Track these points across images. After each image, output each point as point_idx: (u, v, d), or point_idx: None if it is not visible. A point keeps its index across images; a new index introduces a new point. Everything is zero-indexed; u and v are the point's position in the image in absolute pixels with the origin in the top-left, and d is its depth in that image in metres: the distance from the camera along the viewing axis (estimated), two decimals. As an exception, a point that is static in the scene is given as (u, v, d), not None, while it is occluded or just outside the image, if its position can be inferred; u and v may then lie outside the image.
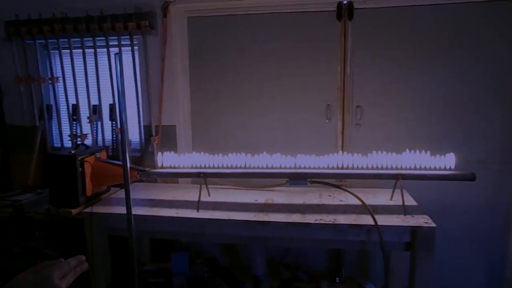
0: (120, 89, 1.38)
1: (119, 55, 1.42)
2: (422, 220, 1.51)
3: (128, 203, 1.37)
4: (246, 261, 2.11)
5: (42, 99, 2.36)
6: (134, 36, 2.17)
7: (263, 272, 1.93)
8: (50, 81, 2.31)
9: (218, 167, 1.72)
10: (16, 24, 2.26)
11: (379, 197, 1.82)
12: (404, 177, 1.63)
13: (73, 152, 1.69)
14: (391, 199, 1.77)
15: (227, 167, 1.71)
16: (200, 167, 1.74)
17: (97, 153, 1.82)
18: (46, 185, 1.85)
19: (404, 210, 1.59)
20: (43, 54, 2.34)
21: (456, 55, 2.03)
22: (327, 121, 2.20)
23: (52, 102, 2.38)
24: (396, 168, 1.66)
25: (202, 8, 2.18)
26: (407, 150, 1.69)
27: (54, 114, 2.39)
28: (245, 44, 2.20)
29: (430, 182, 1.73)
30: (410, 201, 1.75)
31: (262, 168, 1.70)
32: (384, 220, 1.52)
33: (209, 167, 1.72)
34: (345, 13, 2.08)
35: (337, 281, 2.07)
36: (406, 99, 2.11)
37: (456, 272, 2.18)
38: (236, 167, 1.71)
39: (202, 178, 1.70)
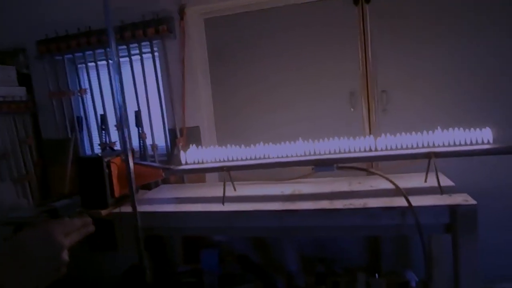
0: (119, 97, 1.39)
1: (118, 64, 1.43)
2: (460, 198, 1.40)
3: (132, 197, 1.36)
4: (278, 258, 2.05)
5: (73, 112, 2.47)
6: (154, 42, 2.23)
7: (296, 267, 1.87)
8: (79, 93, 2.42)
9: (241, 159, 1.69)
10: (46, 42, 2.39)
11: (412, 181, 1.71)
12: (437, 155, 1.52)
13: (99, 154, 1.73)
14: (425, 181, 1.66)
15: (250, 159, 1.68)
16: (224, 161, 1.72)
17: (123, 156, 1.85)
18: (79, 190, 1.91)
19: (440, 189, 1.49)
20: (71, 68, 2.45)
21: (483, 29, 1.91)
22: (352, 109, 2.13)
23: (82, 114, 2.48)
24: (428, 147, 1.56)
25: (217, 8, 2.21)
26: (439, 128, 1.59)
27: (84, 125, 2.48)
28: (263, 38, 2.20)
29: (467, 162, 1.61)
30: (446, 181, 1.64)
31: (286, 157, 1.65)
32: (419, 201, 1.42)
33: (233, 160, 1.70)
34: (361, -3, 2.03)
35: (377, 276, 1.97)
36: (433, 79, 2.00)
37: (503, 261, 2.00)
38: (259, 158, 1.68)
39: (226, 171, 1.69)
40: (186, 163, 1.76)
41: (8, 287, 0.54)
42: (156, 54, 2.27)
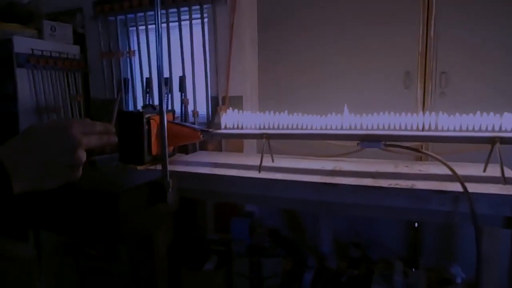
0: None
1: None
2: (527, 190, 1.24)
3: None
4: (311, 237, 1.97)
5: (120, 73, 2.51)
6: (204, 6, 2.19)
7: (329, 249, 1.78)
8: (128, 55, 2.45)
9: (283, 128, 1.62)
10: (101, 3, 2.43)
11: (470, 169, 1.55)
12: (502, 140, 1.36)
13: (141, 110, 1.73)
14: (484, 171, 1.50)
15: (292, 128, 1.60)
16: (264, 128, 1.65)
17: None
18: (118, 145, 1.94)
19: (504, 178, 1.32)
20: (123, 30, 2.48)
21: None
22: (405, 90, 1.98)
23: (129, 76, 2.51)
24: (493, 131, 1.39)
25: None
26: (505, 113, 1.42)
27: (130, 87, 2.52)
28: (315, 8, 2.09)
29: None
30: (510, 173, 1.46)
31: (331, 129, 1.56)
32: (476, 188, 1.27)
33: (274, 128, 1.63)
34: (429, -33, 1.85)
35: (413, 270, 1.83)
36: (499, 63, 1.80)
37: None
38: (302, 128, 1.59)
39: (266, 139, 1.62)
40: (226, 127, 1.72)
41: (16, 169, 0.51)
42: (205, 20, 2.24)
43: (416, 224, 2.01)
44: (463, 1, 1.83)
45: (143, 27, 2.39)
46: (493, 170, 1.43)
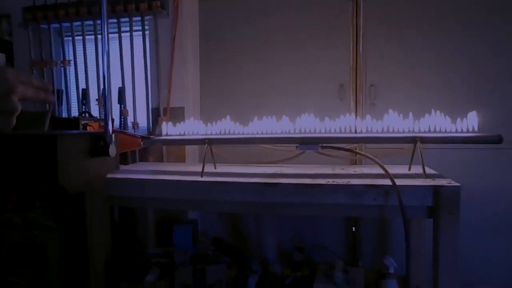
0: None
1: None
2: (445, 181, 1.38)
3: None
4: (255, 245, 1.98)
5: (53, 84, 2.37)
6: (146, 18, 2.19)
7: (273, 255, 1.79)
8: (62, 65, 2.34)
9: (224, 134, 1.64)
10: (32, 9, 2.32)
11: (396, 169, 1.68)
12: (422, 140, 1.51)
13: (77, 117, 1.65)
14: (409, 170, 1.65)
15: (233, 134, 1.63)
16: (206, 134, 1.66)
17: (102, 122, 1.77)
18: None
19: (424, 174, 1.47)
20: (57, 39, 2.38)
21: (470, 29, 1.96)
22: (340, 101, 2.12)
23: (63, 87, 2.39)
24: (414, 132, 1.54)
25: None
26: (426, 115, 1.59)
27: (64, 99, 2.39)
28: (256, 26, 2.20)
29: (451, 152, 1.59)
30: (430, 171, 1.62)
31: (271, 133, 1.61)
32: (402, 182, 1.39)
33: (215, 134, 1.65)
34: (356, -9, 2.06)
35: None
36: (423, 76, 2.02)
37: (485, 267, 1.97)
38: (243, 134, 1.63)
39: (208, 144, 1.63)
40: (167, 135, 1.70)
41: None
42: (147, 32, 2.23)
43: (353, 228, 2.12)
44: (389, 21, 2.04)
45: (80, 36, 2.31)
46: (417, 169, 1.59)
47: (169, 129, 1.73)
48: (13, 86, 0.53)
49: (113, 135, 0.97)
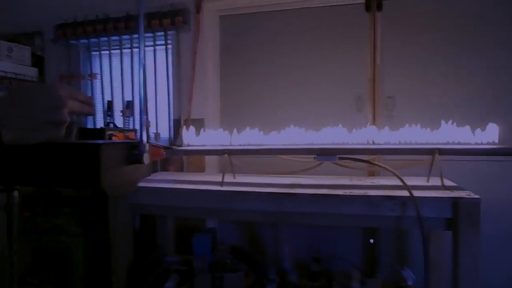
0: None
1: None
2: (464, 193, 1.38)
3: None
4: (272, 255, 2.00)
5: (81, 96, 2.49)
6: (168, 33, 2.28)
7: (290, 265, 1.81)
8: (89, 78, 2.45)
9: (244, 144, 1.68)
10: (63, 27, 2.45)
11: (415, 181, 1.68)
12: (441, 152, 1.51)
13: (102, 127, 1.73)
14: (427, 181, 1.64)
15: (253, 144, 1.67)
16: (226, 145, 1.71)
17: (126, 133, 1.85)
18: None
19: (443, 185, 1.46)
20: (85, 54, 2.50)
21: (491, 40, 1.95)
22: (358, 112, 2.14)
23: (90, 99, 2.50)
24: (433, 143, 1.55)
25: (233, 6, 2.28)
26: (444, 126, 1.59)
27: (91, 110, 2.49)
28: (275, 39, 2.25)
29: (470, 164, 1.58)
30: (449, 183, 1.61)
31: (289, 144, 1.64)
32: (420, 193, 1.39)
33: (235, 145, 1.69)
34: (373, 4, 2.09)
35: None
36: (441, 88, 2.02)
37: (505, 281, 1.92)
38: (262, 144, 1.67)
39: (228, 154, 1.67)
40: (188, 145, 1.75)
41: (3, 123, 0.54)
42: (169, 46, 2.32)
43: (371, 241, 2.11)
44: (405, 32, 2.06)
45: (107, 50, 2.42)
46: (436, 181, 1.58)
47: (189, 139, 1.79)
48: (64, 101, 0.59)
49: (147, 144, 1.06)
